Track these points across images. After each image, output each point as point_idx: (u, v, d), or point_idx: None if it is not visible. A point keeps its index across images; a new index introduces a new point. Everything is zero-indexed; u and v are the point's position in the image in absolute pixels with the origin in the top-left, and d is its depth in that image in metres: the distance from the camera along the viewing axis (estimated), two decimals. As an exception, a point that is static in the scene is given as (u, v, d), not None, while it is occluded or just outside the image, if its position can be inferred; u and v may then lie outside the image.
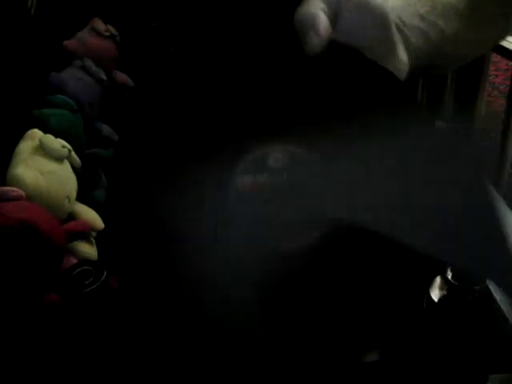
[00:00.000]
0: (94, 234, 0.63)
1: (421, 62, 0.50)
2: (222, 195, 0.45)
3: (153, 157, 0.45)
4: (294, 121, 0.45)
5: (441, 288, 0.50)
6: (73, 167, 0.63)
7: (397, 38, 0.47)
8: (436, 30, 0.50)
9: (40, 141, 0.60)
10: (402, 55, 0.47)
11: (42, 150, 0.60)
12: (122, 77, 0.83)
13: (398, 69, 0.47)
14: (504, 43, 1.17)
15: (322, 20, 0.43)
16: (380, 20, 0.46)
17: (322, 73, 0.44)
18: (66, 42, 0.79)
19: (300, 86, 0.45)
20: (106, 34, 0.81)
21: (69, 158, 0.62)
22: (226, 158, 0.45)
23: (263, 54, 0.45)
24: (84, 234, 0.60)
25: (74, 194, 0.62)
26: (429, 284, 0.51)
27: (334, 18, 0.45)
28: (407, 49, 0.47)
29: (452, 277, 0.49)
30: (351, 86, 0.45)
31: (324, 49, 0.43)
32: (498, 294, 0.52)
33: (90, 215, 0.63)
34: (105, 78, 0.77)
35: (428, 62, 0.51)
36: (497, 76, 2.77)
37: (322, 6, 0.44)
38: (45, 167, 0.59)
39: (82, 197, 0.65)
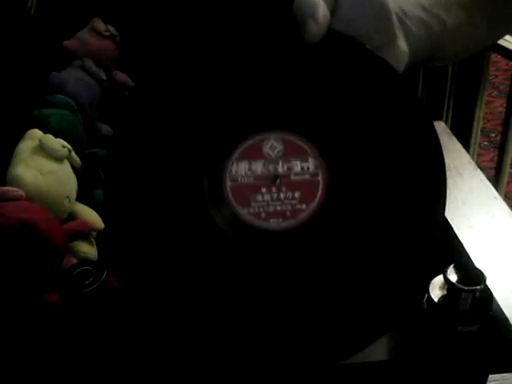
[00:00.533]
0: (94, 234, 0.63)
1: (420, 55, 0.49)
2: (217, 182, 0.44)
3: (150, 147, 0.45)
4: (291, 108, 0.45)
5: (441, 288, 0.50)
6: (73, 167, 0.63)
7: (397, 28, 0.46)
8: (438, 21, 0.50)
9: (40, 141, 0.60)
10: (402, 45, 0.47)
11: (42, 150, 0.60)
12: (121, 77, 0.83)
13: (397, 60, 0.46)
14: (504, 43, 1.17)
15: (322, 8, 0.43)
16: (380, 9, 0.45)
17: (320, 61, 0.44)
18: (65, 42, 0.79)
19: (298, 74, 0.44)
20: (106, 33, 0.81)
21: (69, 158, 0.62)
22: (222, 145, 0.44)
23: (261, 41, 0.44)
24: (84, 234, 0.60)
25: (74, 194, 0.62)
26: (429, 284, 0.51)
27: (334, 6, 0.45)
28: (408, 39, 0.47)
29: (452, 277, 0.49)
30: (350, 75, 0.44)
31: (323, 37, 0.43)
32: (497, 294, 0.52)
33: (90, 215, 0.63)
34: (105, 78, 0.78)
35: (428, 54, 0.51)
36: (497, 76, 2.77)
37: None
38: (45, 167, 0.59)
39: (82, 197, 0.65)
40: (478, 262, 0.56)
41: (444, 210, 0.44)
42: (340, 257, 0.45)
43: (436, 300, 0.50)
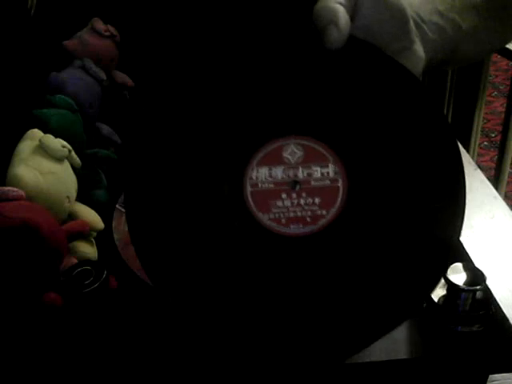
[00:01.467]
0: (94, 233, 0.63)
1: (436, 59, 0.49)
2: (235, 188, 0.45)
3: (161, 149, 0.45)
4: (311, 114, 0.45)
5: (441, 288, 0.50)
6: (73, 167, 0.63)
7: (414, 33, 0.47)
8: (453, 25, 0.50)
9: (40, 141, 0.60)
10: (419, 51, 0.47)
11: (42, 149, 0.60)
12: (121, 77, 0.83)
13: (415, 65, 0.46)
14: (504, 43, 1.17)
15: (342, 14, 0.43)
16: (398, 15, 0.45)
17: (340, 68, 0.44)
18: (66, 42, 0.79)
19: (318, 80, 0.44)
20: (106, 34, 0.81)
21: (69, 158, 0.62)
22: (242, 150, 0.44)
23: (281, 46, 0.44)
24: (84, 234, 0.60)
25: (74, 194, 0.62)
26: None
27: (353, 12, 0.45)
28: (424, 45, 0.47)
29: (452, 277, 0.49)
30: (369, 81, 0.44)
31: (344, 43, 0.43)
32: (497, 294, 0.52)
33: (90, 215, 0.63)
34: (105, 78, 0.78)
35: (443, 58, 0.51)
36: (497, 76, 2.78)
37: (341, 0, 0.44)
38: (45, 167, 0.59)
39: (82, 197, 0.65)
40: (478, 262, 0.56)
41: (463, 218, 0.45)
42: (359, 261, 0.45)
43: (436, 300, 0.50)
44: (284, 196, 0.45)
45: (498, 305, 0.51)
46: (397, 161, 0.45)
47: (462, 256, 0.58)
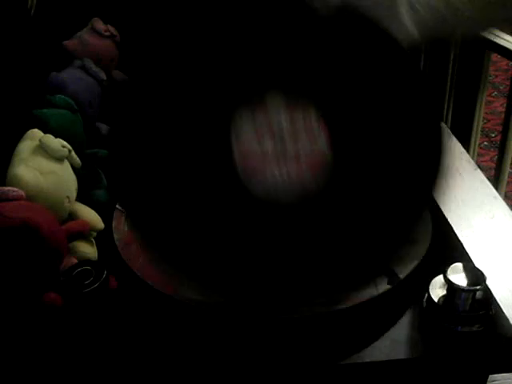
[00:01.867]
0: (94, 233, 0.63)
1: (428, 34, 0.50)
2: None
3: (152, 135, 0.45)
4: (301, 84, 0.45)
5: (441, 288, 0.50)
6: (73, 167, 0.63)
7: (402, 5, 0.47)
8: (453, 11, 0.50)
9: (40, 141, 0.60)
10: (406, 21, 0.47)
11: (42, 149, 0.60)
12: (121, 77, 0.83)
13: (400, 35, 0.47)
14: (504, 43, 1.17)
15: None
16: None
17: (331, 34, 0.45)
18: (66, 42, 0.79)
19: (308, 45, 0.45)
20: (106, 34, 0.81)
21: (69, 157, 0.62)
22: (227, 127, 0.45)
23: (272, 10, 0.45)
24: (84, 234, 0.60)
25: (74, 194, 0.62)
26: (429, 284, 0.51)
27: None
28: (415, 19, 0.48)
29: (452, 277, 0.49)
30: (356, 48, 0.45)
31: (335, 10, 0.44)
32: (497, 294, 0.52)
33: (90, 215, 0.63)
34: (105, 78, 0.78)
35: (439, 36, 0.51)
36: (497, 76, 2.77)
37: None
38: (45, 167, 0.59)
39: (82, 197, 0.65)
40: (478, 262, 0.56)
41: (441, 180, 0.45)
42: (348, 230, 0.46)
43: (436, 300, 0.50)
44: (274, 166, 0.45)
45: (498, 305, 0.51)
46: (381, 127, 0.46)
47: (462, 256, 0.58)
